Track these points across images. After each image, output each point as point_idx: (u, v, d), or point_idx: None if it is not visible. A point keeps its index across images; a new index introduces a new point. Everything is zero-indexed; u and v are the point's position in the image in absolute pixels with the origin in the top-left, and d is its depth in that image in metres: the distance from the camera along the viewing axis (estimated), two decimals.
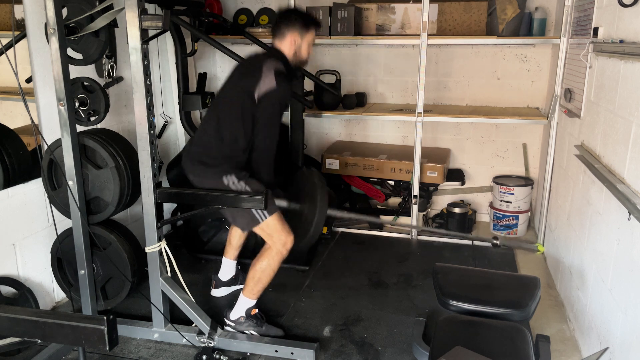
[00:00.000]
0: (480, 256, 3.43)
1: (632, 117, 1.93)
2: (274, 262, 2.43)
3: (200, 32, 3.28)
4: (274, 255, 2.42)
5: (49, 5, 2.08)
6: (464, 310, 2.01)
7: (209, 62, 4.24)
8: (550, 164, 3.35)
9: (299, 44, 2.49)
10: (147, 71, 2.17)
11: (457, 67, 3.92)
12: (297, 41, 2.49)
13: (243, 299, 2.51)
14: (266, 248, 2.45)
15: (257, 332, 2.51)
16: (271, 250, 2.43)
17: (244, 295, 2.51)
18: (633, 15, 2.02)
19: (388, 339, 2.52)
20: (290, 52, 2.49)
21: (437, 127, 4.04)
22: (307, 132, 4.05)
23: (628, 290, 1.89)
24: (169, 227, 3.78)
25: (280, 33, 2.48)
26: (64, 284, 2.70)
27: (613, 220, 2.08)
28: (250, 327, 2.51)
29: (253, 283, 2.46)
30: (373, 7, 3.80)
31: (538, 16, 3.44)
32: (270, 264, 2.43)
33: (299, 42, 2.49)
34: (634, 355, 1.80)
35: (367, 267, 3.29)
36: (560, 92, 3.20)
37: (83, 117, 2.48)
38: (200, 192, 2.35)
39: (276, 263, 2.44)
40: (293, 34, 2.47)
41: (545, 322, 2.64)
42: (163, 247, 2.40)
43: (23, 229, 2.60)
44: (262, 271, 2.44)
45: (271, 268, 2.44)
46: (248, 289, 2.49)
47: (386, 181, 3.93)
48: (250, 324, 2.51)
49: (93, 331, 1.33)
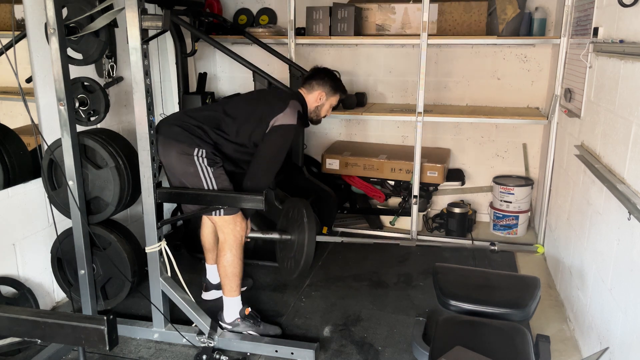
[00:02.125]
0: (480, 256, 3.43)
1: (632, 117, 1.94)
2: (236, 250, 2.45)
3: (200, 32, 3.28)
4: (232, 244, 2.44)
5: (49, 5, 2.08)
6: (464, 310, 2.01)
7: (209, 62, 4.23)
8: (550, 164, 3.35)
9: (323, 102, 2.69)
10: (147, 71, 2.17)
11: (457, 67, 3.92)
12: (323, 99, 2.68)
13: (227, 300, 2.52)
14: (222, 241, 2.46)
15: (255, 331, 2.51)
16: (226, 242, 2.45)
17: (226, 296, 2.51)
18: (633, 15, 2.02)
19: (388, 339, 2.52)
20: (312, 105, 2.68)
21: (437, 127, 4.03)
22: (307, 132, 4.05)
23: (628, 290, 1.89)
24: (169, 227, 3.78)
25: (310, 85, 2.68)
26: (64, 284, 2.70)
27: (613, 220, 2.08)
28: (248, 327, 2.51)
29: (227, 280, 2.48)
30: (373, 7, 3.80)
31: (538, 16, 3.44)
32: (234, 253, 2.45)
33: (323, 100, 2.69)
34: (634, 355, 1.80)
35: (367, 267, 3.29)
36: (560, 92, 3.20)
37: (83, 117, 2.48)
38: (200, 192, 2.35)
39: (238, 250, 2.46)
40: (322, 91, 2.67)
41: (545, 322, 2.64)
42: (163, 247, 2.40)
43: (23, 229, 2.60)
44: (230, 265, 2.45)
45: (237, 257, 2.46)
46: (226, 288, 2.50)
47: (386, 181, 3.93)
48: (247, 325, 2.51)
49: (93, 331, 1.33)
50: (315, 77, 2.68)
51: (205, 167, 2.35)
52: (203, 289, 2.92)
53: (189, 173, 2.34)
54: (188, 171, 2.34)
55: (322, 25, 3.63)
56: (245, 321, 2.51)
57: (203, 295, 2.91)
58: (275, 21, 4.15)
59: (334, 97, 2.72)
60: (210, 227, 2.75)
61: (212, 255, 2.83)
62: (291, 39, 3.61)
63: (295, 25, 3.59)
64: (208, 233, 2.78)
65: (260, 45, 3.59)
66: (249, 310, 2.53)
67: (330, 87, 2.67)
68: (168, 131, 2.37)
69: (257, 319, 2.54)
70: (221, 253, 2.47)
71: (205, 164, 2.35)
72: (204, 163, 2.35)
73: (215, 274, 2.87)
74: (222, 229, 2.45)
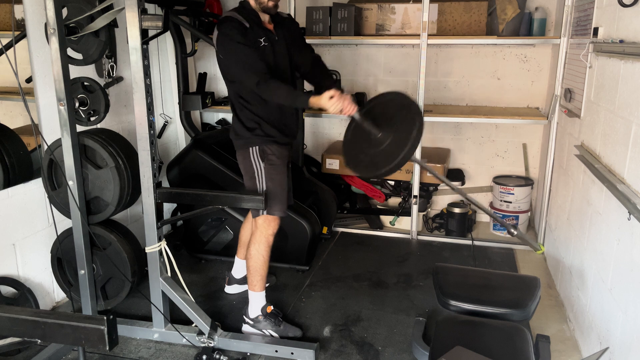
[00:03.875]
0: (480, 256, 3.43)
1: (632, 117, 1.93)
2: (261, 247, 2.50)
3: (200, 32, 3.28)
4: (259, 239, 2.50)
5: (49, 5, 2.08)
6: (464, 310, 2.01)
7: (209, 62, 4.23)
8: (550, 164, 3.35)
9: None
10: (147, 71, 2.17)
11: (457, 67, 3.92)
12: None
13: (252, 294, 2.56)
14: (252, 233, 2.54)
15: (275, 331, 2.52)
16: (255, 235, 2.51)
17: (251, 290, 2.56)
18: (633, 15, 2.02)
19: (388, 339, 2.52)
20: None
21: (437, 127, 4.04)
22: (307, 132, 4.05)
23: (628, 290, 1.89)
24: (169, 227, 3.78)
25: None
26: (64, 284, 2.70)
27: (613, 220, 2.08)
28: (269, 326, 2.53)
29: (250, 274, 2.53)
30: (373, 7, 3.80)
31: (538, 16, 3.44)
32: (259, 249, 2.50)
33: None
34: (634, 355, 1.80)
35: (367, 267, 3.29)
36: (560, 92, 3.20)
37: (83, 117, 2.48)
38: (200, 192, 2.36)
39: (264, 249, 2.50)
40: None
41: (545, 322, 2.64)
42: (163, 247, 2.40)
43: (23, 229, 2.60)
44: (253, 259, 2.51)
45: (260, 254, 2.50)
46: (250, 282, 2.55)
47: (386, 181, 3.93)
48: (269, 323, 2.53)
49: (93, 331, 1.33)
50: None
51: (261, 169, 2.45)
52: (226, 282, 2.97)
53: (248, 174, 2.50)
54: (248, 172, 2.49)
55: (322, 25, 3.63)
56: (267, 319, 2.53)
57: (225, 289, 2.96)
58: None
59: None
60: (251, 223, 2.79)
61: (243, 250, 2.87)
62: None
63: None
64: (248, 227, 2.82)
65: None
66: (270, 308, 2.56)
67: None
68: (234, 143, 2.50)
69: (278, 317, 2.56)
70: (250, 245, 2.53)
71: (261, 167, 2.45)
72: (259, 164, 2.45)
73: (240, 269, 2.93)
74: (254, 221, 2.52)
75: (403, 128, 2.05)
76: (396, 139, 2.06)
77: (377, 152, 2.10)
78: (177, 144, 3.94)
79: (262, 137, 2.44)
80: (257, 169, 2.46)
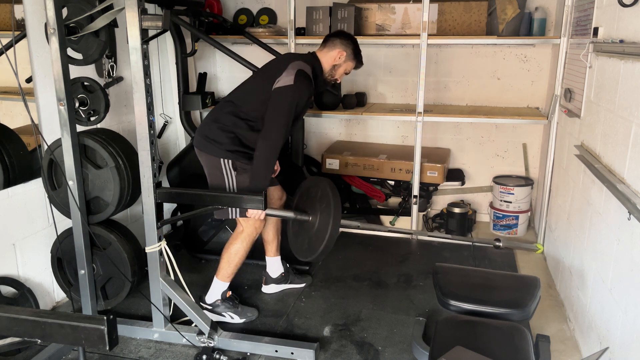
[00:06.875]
0: (480, 256, 3.43)
1: (632, 117, 1.93)
2: (246, 244, 2.58)
3: (200, 32, 3.28)
4: (246, 237, 2.57)
5: (49, 5, 2.08)
6: (464, 310, 2.01)
7: (209, 62, 4.23)
8: (550, 164, 3.35)
9: (340, 63, 2.62)
10: (147, 71, 2.17)
11: (457, 67, 3.92)
12: (342, 58, 2.61)
13: (217, 282, 2.62)
14: (239, 231, 2.58)
15: (234, 312, 2.61)
16: (243, 233, 2.57)
17: (218, 279, 2.62)
18: (633, 15, 2.02)
19: (388, 339, 2.52)
20: (328, 64, 2.61)
21: (437, 127, 4.04)
22: (307, 132, 4.05)
23: (628, 290, 1.89)
24: (169, 227, 3.78)
25: (332, 43, 2.60)
26: (64, 284, 2.70)
27: (613, 220, 2.08)
28: (227, 309, 2.61)
29: (227, 265, 2.59)
30: (373, 7, 3.80)
31: (538, 16, 3.44)
32: (243, 246, 2.57)
33: (342, 61, 2.61)
34: (634, 355, 1.80)
35: (367, 267, 3.29)
36: (560, 92, 3.20)
37: (83, 117, 2.48)
38: (200, 192, 2.36)
39: (248, 245, 2.59)
40: (343, 51, 2.59)
41: (545, 322, 2.64)
42: (163, 247, 2.40)
43: (23, 229, 2.60)
44: (235, 254, 2.57)
45: (244, 249, 2.58)
46: (222, 272, 2.61)
47: (386, 181, 3.93)
48: (227, 306, 2.61)
49: (93, 331, 1.33)
50: (340, 36, 2.63)
51: (232, 176, 2.48)
52: (263, 282, 2.97)
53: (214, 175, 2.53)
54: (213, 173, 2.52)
55: (322, 25, 3.63)
56: (225, 302, 2.61)
57: (263, 289, 2.96)
58: (275, 21, 4.15)
59: (351, 62, 2.65)
60: (270, 220, 2.82)
61: (271, 247, 2.90)
62: (291, 39, 3.61)
63: (295, 25, 3.59)
64: (267, 225, 2.83)
65: (260, 45, 3.59)
66: (229, 293, 2.65)
67: (352, 50, 2.62)
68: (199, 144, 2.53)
69: (235, 301, 2.65)
70: (233, 239, 2.59)
71: (232, 175, 2.48)
72: (231, 173, 2.49)
73: (275, 267, 2.94)
74: (242, 222, 2.56)
75: (324, 208, 2.35)
76: (322, 219, 2.35)
77: (312, 235, 2.39)
78: (177, 144, 3.94)
79: (240, 155, 2.47)
80: (228, 176, 2.48)
